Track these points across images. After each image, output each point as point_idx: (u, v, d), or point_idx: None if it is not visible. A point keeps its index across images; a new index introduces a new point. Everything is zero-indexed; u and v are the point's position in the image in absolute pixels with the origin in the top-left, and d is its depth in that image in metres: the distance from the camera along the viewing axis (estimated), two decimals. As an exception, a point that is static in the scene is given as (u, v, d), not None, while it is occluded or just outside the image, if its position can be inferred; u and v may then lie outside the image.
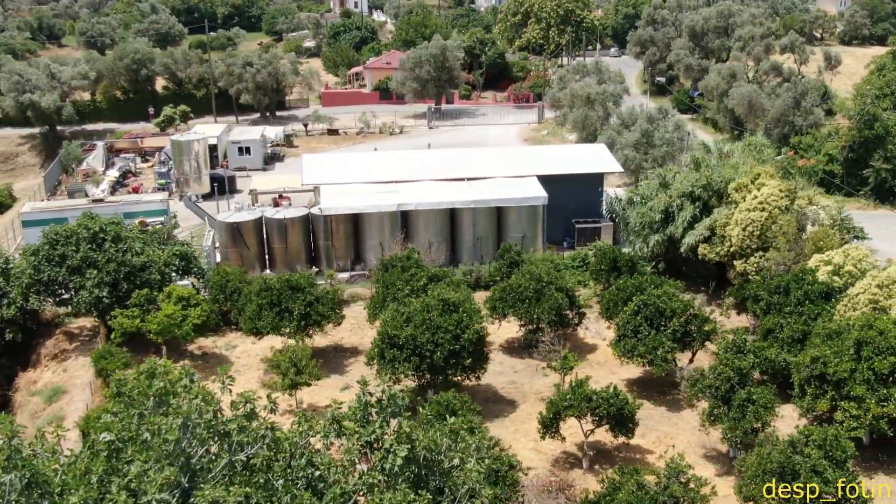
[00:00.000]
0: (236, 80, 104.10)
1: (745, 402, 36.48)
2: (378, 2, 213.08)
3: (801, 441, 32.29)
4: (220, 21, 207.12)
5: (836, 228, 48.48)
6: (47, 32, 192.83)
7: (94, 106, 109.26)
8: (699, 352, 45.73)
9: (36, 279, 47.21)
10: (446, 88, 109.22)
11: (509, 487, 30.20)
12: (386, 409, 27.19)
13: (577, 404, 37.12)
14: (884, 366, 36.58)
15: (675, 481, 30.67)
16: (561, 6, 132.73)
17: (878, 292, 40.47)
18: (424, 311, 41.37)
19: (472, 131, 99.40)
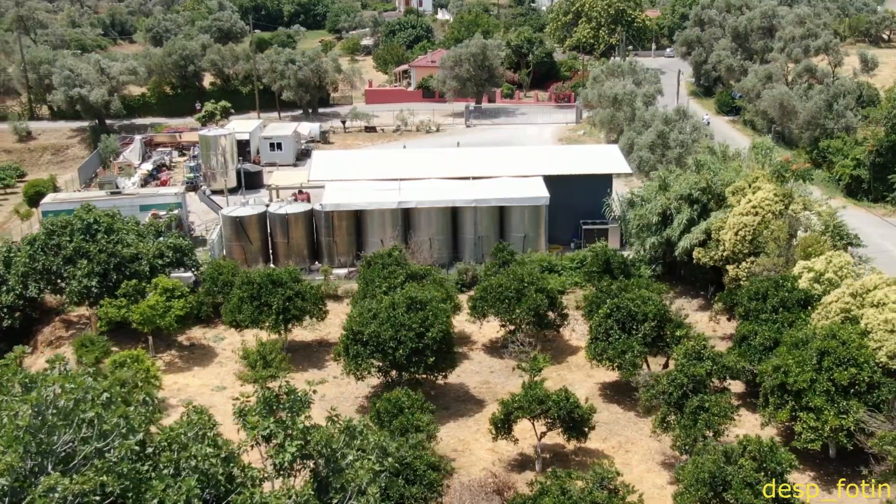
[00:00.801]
0: (279, 77, 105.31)
1: (697, 410, 35.65)
2: (443, 0, 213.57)
3: (737, 451, 31.38)
4: (286, 19, 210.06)
5: (828, 235, 46.93)
6: (119, 29, 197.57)
7: (143, 101, 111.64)
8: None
9: (31, 267, 48.43)
10: (487, 87, 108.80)
11: (426, 487, 29.94)
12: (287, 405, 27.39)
13: (528, 406, 36.71)
14: (843, 377, 35.36)
15: (599, 487, 30.11)
16: (612, 6, 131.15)
17: (850, 301, 39.13)
18: (390, 309, 41.35)
19: (508, 130, 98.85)
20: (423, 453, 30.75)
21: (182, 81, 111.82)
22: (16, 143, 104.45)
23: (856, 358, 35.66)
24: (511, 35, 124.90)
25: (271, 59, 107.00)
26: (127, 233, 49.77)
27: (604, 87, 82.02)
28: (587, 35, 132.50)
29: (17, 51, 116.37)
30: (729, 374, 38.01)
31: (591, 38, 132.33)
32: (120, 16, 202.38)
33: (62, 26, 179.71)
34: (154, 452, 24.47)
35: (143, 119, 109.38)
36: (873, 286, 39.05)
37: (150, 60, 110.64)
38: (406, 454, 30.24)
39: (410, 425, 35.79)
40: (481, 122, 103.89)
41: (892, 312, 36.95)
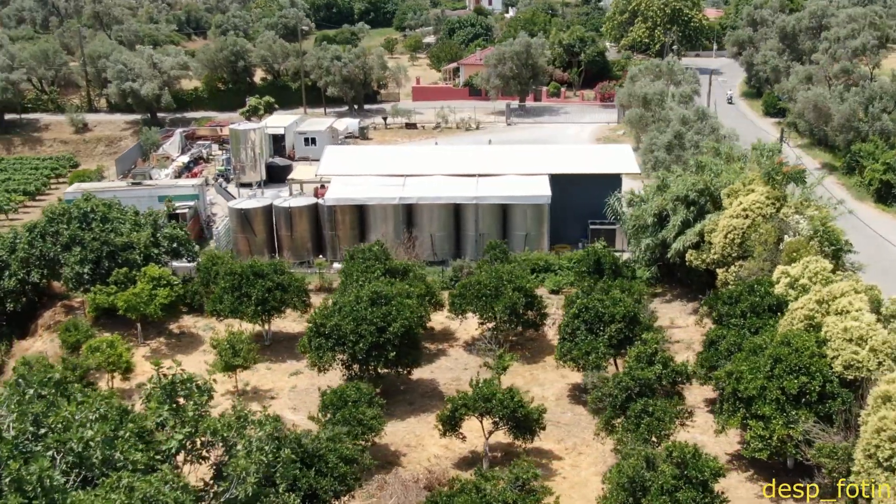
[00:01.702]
0: (324, 74, 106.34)
1: (641, 414, 34.88)
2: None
3: (659, 457, 30.61)
4: (356, 16, 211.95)
5: (816, 240, 45.32)
6: (194, 25, 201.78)
7: (196, 95, 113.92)
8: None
9: (30, 253, 49.86)
10: (531, 85, 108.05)
11: (336, 480, 29.86)
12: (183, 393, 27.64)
13: (474, 404, 36.41)
14: (793, 386, 34.18)
15: (513, 487, 29.68)
16: (668, 5, 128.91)
17: (815, 308, 37.75)
18: (354, 302, 41.45)
19: (548, 129, 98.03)
20: (338, 446, 30.66)
21: (233, 76, 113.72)
22: (72, 134, 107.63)
23: (807, 367, 34.44)
24: (563, 34, 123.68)
25: (318, 55, 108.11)
26: (123, 222, 50.81)
27: (634, 87, 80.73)
28: (642, 34, 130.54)
29: (82, 45, 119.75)
30: (682, 379, 37.07)
31: (647, 38, 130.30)
32: (195, 12, 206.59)
33: (141, 22, 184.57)
34: (45, 434, 24.90)
35: (194, 113, 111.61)
36: (840, 293, 37.63)
37: (203, 55, 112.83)
38: (320, 446, 30.24)
39: (353, 418, 35.88)
40: (523, 121, 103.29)
41: (854, 321, 35.54)
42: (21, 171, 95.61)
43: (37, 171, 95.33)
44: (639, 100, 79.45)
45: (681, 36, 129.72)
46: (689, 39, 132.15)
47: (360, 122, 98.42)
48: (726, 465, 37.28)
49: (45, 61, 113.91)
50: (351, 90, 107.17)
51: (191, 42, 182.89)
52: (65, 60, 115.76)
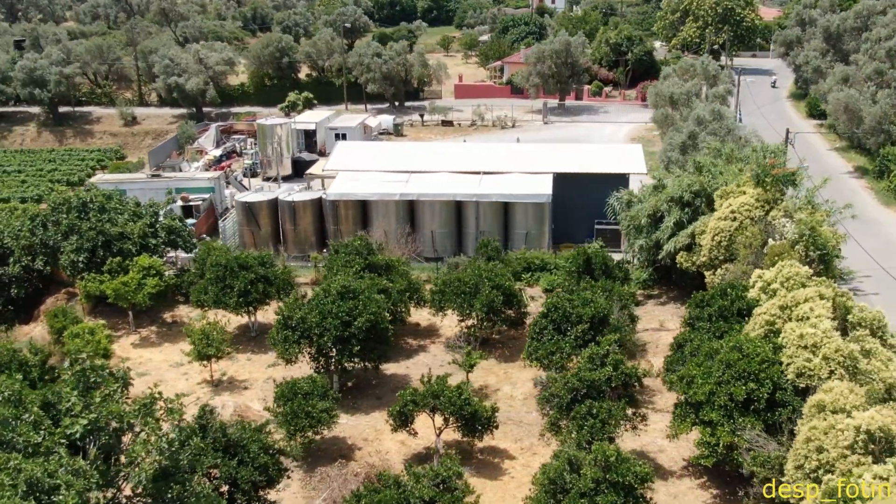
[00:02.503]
0: (365, 70, 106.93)
1: (585, 416, 34.29)
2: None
3: (584, 459, 30.04)
4: (418, 14, 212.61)
5: (802, 244, 43.94)
6: (260, 22, 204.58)
7: (242, 90, 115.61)
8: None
9: (31, 241, 51.17)
10: (570, 84, 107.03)
11: (257, 471, 30.00)
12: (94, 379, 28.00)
13: (422, 400, 36.25)
14: (740, 392, 33.22)
15: (429, 484, 29.44)
16: (720, 4, 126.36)
17: (777, 313, 36.65)
18: (322, 296, 41.61)
19: (584, 128, 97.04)
20: (261, 437, 30.79)
21: (278, 72, 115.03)
22: (122, 127, 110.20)
23: (756, 373, 33.46)
24: (611, 33, 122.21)
25: (359, 52, 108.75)
26: (121, 213, 51.80)
27: (661, 87, 79.38)
28: (693, 34, 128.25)
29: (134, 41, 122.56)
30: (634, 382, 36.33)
31: (697, 38, 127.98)
32: (262, 9, 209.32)
33: (210, 19, 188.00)
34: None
35: (240, 108, 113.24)
36: (804, 299, 36.47)
37: (250, 52, 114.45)
38: (244, 436, 30.43)
39: (301, 410, 36.05)
40: (560, 119, 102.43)
41: (810, 328, 34.40)
42: (68, 162, 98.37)
43: (83, 161, 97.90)
44: (665, 99, 78.05)
45: (732, 36, 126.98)
46: (742, 39, 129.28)
47: (396, 119, 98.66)
48: (680, 471, 36.76)
49: (99, 56, 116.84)
50: (391, 87, 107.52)
51: (255, 38, 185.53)
52: (118, 55, 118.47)
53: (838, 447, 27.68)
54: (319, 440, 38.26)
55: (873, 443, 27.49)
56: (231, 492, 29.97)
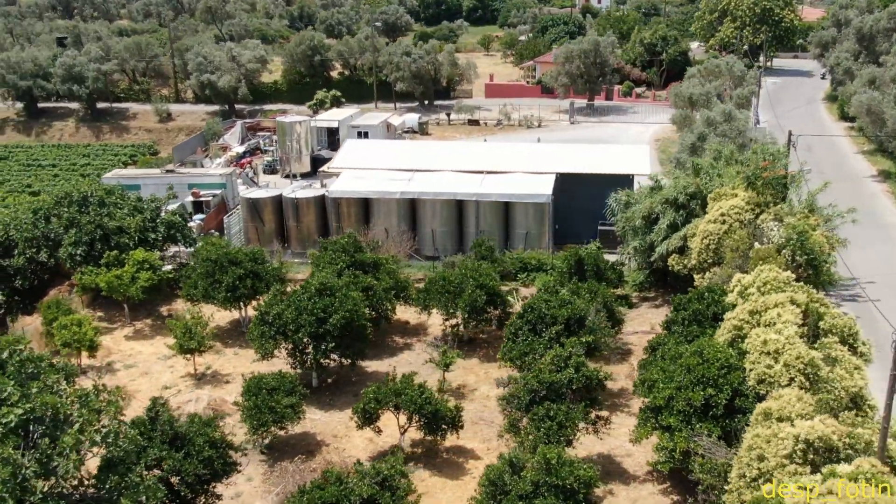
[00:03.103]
0: (395, 69, 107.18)
1: (543, 417, 33.95)
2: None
3: (526, 460, 29.75)
4: (464, 13, 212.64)
5: (789, 248, 43.00)
6: (307, 21, 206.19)
7: (275, 87, 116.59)
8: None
9: (33, 234, 52.15)
10: (598, 84, 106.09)
11: (202, 464, 30.19)
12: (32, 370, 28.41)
13: (383, 398, 36.20)
14: (698, 398, 32.64)
15: (370, 482, 29.38)
16: (758, 4, 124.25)
17: (746, 318, 35.92)
18: (300, 292, 41.78)
19: (610, 129, 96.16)
20: (206, 430, 30.96)
21: (310, 70, 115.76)
22: (156, 123, 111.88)
23: (715, 379, 32.84)
24: (645, 33, 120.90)
25: (389, 51, 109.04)
26: (121, 207, 52.53)
27: (681, 87, 78.30)
28: (730, 34, 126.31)
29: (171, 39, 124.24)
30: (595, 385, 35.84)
31: (734, 38, 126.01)
32: (309, 8, 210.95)
33: (258, 17, 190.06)
34: None
35: (273, 105, 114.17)
36: (773, 304, 35.69)
37: (283, 50, 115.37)
38: (191, 430, 30.66)
39: (265, 406, 36.24)
40: (588, 120, 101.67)
41: (775, 333, 33.64)
42: (102, 157, 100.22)
43: (116, 157, 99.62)
44: (685, 100, 77.01)
45: (771, 36, 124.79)
46: (780, 40, 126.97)
47: (421, 118, 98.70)
48: (644, 476, 36.21)
49: (137, 53, 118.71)
50: (419, 86, 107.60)
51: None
52: (156, 53, 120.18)
53: (777, 456, 27.04)
54: (285, 435, 38.37)
55: (812, 453, 26.80)
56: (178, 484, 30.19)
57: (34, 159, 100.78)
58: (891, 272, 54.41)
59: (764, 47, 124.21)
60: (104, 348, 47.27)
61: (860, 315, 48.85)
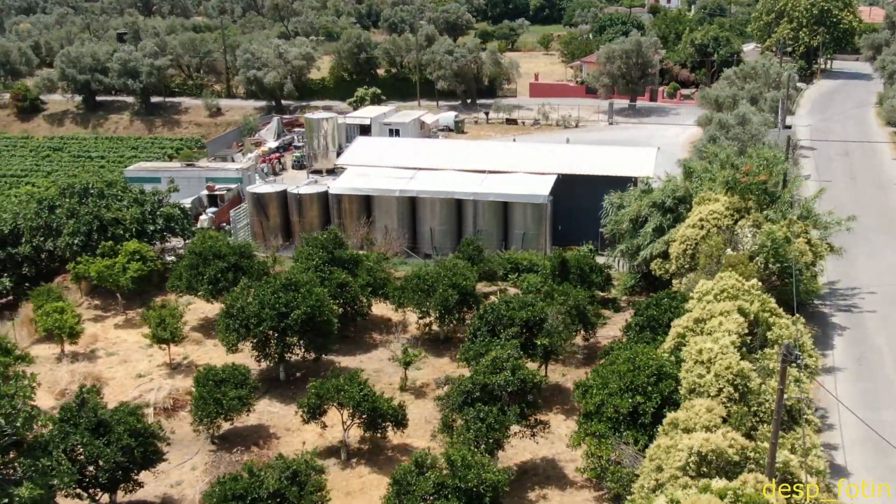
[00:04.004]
0: (437, 67, 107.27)
1: (474, 419, 33.67)
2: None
3: (432, 461, 29.55)
4: (531, 12, 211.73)
5: (762, 255, 41.75)
6: (374, 18, 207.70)
7: (322, 84, 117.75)
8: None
9: (36, 223, 53.70)
10: (640, 85, 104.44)
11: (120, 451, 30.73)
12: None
13: (325, 394, 36.34)
14: (625, 405, 32.02)
15: (279, 475, 29.55)
16: (815, 5, 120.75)
17: (690, 326, 35.05)
18: (265, 287, 42.19)
19: (647, 130, 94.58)
20: (129, 419, 31.48)
21: (356, 67, 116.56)
22: (206, 117, 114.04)
23: (644, 386, 32.16)
24: (696, 33, 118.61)
25: (433, 49, 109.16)
26: (121, 199, 53.73)
27: (708, 91, 76.62)
28: (786, 35, 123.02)
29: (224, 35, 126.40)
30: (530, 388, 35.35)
31: (791, 39, 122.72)
32: (377, 6, 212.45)
33: (328, 15, 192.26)
34: None
35: (319, 101, 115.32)
36: (718, 313, 34.74)
37: (330, 47, 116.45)
38: (114, 418, 31.25)
39: (210, 397, 36.72)
40: (628, 121, 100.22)
41: (712, 343, 32.73)
42: (150, 150, 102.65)
43: (162, 150, 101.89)
44: (711, 102, 75.38)
45: (828, 38, 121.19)
46: (838, 42, 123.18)
47: (457, 116, 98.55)
48: (582, 482, 35.59)
49: (192, 49, 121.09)
50: (461, 84, 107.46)
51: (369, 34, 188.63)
52: (209, 49, 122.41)
53: (672, 468, 26.37)
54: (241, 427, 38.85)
55: (706, 466, 26.05)
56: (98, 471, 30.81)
57: (85, 151, 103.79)
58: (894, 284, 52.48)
59: (820, 49, 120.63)
60: (90, 335, 48.45)
61: (850, 326, 47.41)
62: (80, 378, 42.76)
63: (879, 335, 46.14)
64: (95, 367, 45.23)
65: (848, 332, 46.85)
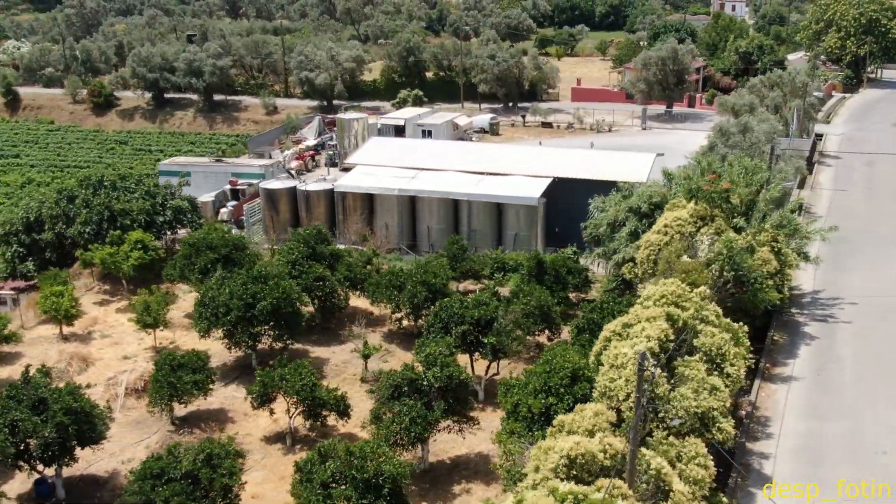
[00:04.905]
0: (480, 71, 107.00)
1: (398, 412, 33.63)
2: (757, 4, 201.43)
3: (333, 450, 29.62)
4: (596, 19, 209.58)
5: (717, 264, 40.56)
6: (444, 23, 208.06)
7: (373, 86, 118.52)
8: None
9: (56, 212, 55.43)
10: (676, 91, 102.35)
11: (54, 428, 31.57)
12: None
13: (270, 383, 36.73)
14: (537, 405, 31.61)
15: (193, 457, 30.01)
16: (864, 15, 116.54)
17: (618, 330, 34.28)
18: (235, 279, 42.81)
19: (678, 136, 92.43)
20: (67, 398, 32.29)
21: (405, 70, 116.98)
22: (263, 115, 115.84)
23: (557, 388, 31.67)
24: (741, 41, 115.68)
25: (476, 54, 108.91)
26: (133, 191, 55.08)
27: (726, 98, 74.74)
28: (834, 44, 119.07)
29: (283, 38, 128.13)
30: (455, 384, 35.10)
31: (838, 48, 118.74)
32: (448, 11, 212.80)
33: (401, 19, 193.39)
34: None
35: (370, 102, 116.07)
36: (645, 318, 33.92)
37: (379, 49, 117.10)
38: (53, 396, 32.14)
39: (165, 381, 37.46)
40: (662, 126, 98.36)
41: (628, 348, 32.01)
42: (205, 145, 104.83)
43: (217, 146, 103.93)
44: (727, 109, 73.50)
45: (877, 47, 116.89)
46: (887, 51, 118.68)
47: (493, 119, 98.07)
48: (508, 478, 35.16)
49: (253, 50, 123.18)
50: (502, 87, 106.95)
51: (438, 39, 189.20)
52: (270, 51, 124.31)
53: (545, 469, 25.90)
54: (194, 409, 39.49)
55: (576, 469, 25.52)
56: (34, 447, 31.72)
57: (147, 144, 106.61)
58: (881, 296, 50.33)
59: (867, 58, 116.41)
60: (91, 318, 49.87)
61: (821, 336, 45.74)
62: (67, 357, 44.02)
63: (847, 347, 44.40)
64: (87, 347, 46.50)
65: (816, 342, 45.23)
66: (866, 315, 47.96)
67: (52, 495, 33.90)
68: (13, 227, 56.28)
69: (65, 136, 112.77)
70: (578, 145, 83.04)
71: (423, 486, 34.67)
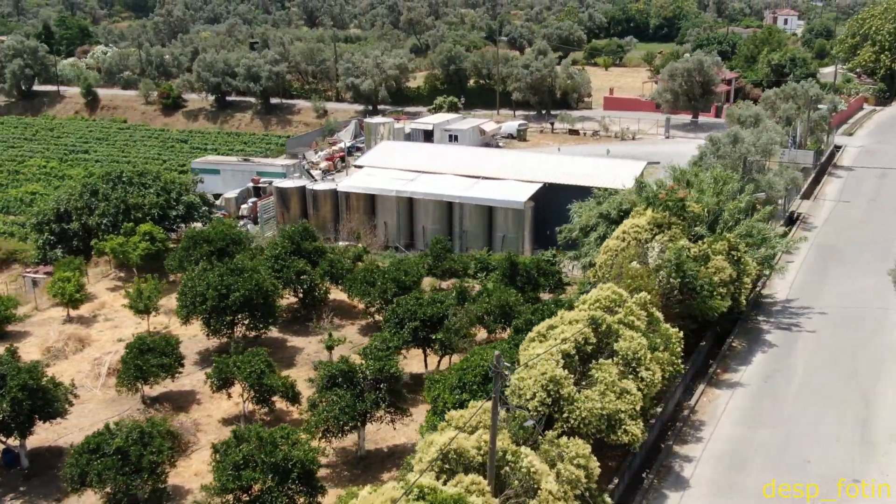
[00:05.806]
0: (514, 80, 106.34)
1: (329, 402, 33.73)
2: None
3: (247, 434, 29.83)
4: (651, 31, 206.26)
5: (665, 271, 39.55)
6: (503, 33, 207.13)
7: (417, 92, 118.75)
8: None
9: (80, 203, 57.05)
10: (702, 102, 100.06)
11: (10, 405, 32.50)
12: None
13: (225, 368, 37.18)
14: (452, 400, 31.36)
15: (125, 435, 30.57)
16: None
17: (543, 331, 33.75)
18: (213, 271, 43.43)
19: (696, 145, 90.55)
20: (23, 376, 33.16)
21: (447, 78, 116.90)
22: (314, 118, 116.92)
23: (471, 385, 31.40)
24: (774, 54, 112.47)
25: (511, 63, 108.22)
26: (149, 186, 56.32)
27: (734, 109, 72.77)
28: (868, 58, 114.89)
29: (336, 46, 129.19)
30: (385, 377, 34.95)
31: (871, 62, 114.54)
32: (509, 21, 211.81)
33: (464, 30, 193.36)
34: None
35: (414, 108, 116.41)
36: (568, 321, 33.36)
37: (424, 59, 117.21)
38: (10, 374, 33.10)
39: (131, 363, 38.24)
40: (685, 136, 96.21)
41: (544, 349, 31.54)
42: (258, 145, 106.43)
43: (267, 146, 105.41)
44: (734, 119, 71.61)
45: None
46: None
47: (521, 126, 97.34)
48: (437, 469, 34.91)
49: (308, 57, 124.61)
50: (534, 96, 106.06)
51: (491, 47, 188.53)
52: (324, 58, 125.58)
53: (424, 463, 25.70)
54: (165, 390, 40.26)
55: (450, 463, 25.26)
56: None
57: (204, 143, 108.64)
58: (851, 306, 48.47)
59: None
60: (99, 303, 51.20)
61: (780, 344, 44.41)
62: (65, 338, 45.28)
63: (801, 356, 42.93)
64: (86, 329, 47.73)
65: (773, 350, 43.87)
66: (833, 325, 46.33)
67: (17, 464, 34.92)
68: (45, 217, 58.05)
69: (132, 134, 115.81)
70: (596, 152, 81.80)
71: (356, 472, 34.72)
